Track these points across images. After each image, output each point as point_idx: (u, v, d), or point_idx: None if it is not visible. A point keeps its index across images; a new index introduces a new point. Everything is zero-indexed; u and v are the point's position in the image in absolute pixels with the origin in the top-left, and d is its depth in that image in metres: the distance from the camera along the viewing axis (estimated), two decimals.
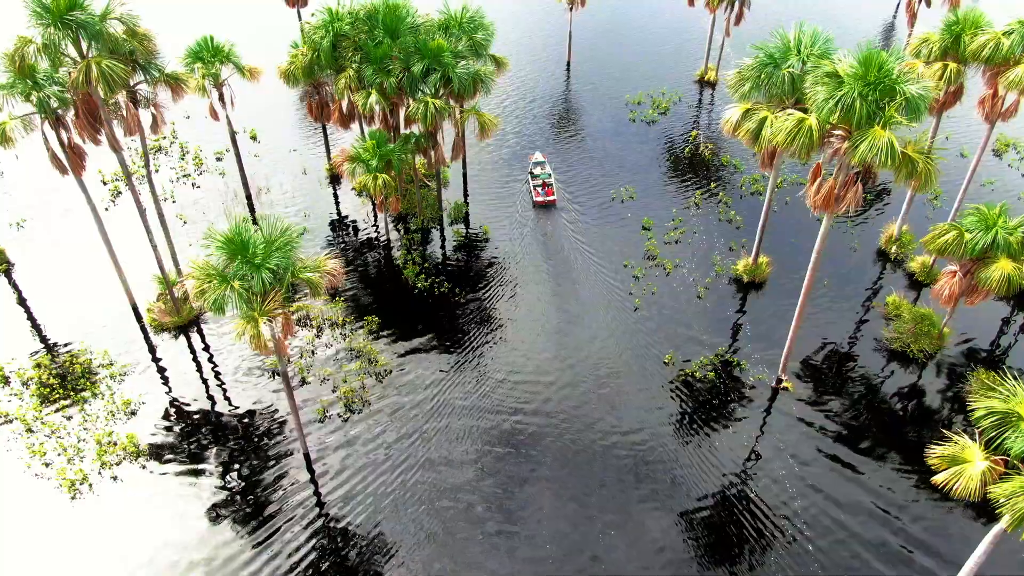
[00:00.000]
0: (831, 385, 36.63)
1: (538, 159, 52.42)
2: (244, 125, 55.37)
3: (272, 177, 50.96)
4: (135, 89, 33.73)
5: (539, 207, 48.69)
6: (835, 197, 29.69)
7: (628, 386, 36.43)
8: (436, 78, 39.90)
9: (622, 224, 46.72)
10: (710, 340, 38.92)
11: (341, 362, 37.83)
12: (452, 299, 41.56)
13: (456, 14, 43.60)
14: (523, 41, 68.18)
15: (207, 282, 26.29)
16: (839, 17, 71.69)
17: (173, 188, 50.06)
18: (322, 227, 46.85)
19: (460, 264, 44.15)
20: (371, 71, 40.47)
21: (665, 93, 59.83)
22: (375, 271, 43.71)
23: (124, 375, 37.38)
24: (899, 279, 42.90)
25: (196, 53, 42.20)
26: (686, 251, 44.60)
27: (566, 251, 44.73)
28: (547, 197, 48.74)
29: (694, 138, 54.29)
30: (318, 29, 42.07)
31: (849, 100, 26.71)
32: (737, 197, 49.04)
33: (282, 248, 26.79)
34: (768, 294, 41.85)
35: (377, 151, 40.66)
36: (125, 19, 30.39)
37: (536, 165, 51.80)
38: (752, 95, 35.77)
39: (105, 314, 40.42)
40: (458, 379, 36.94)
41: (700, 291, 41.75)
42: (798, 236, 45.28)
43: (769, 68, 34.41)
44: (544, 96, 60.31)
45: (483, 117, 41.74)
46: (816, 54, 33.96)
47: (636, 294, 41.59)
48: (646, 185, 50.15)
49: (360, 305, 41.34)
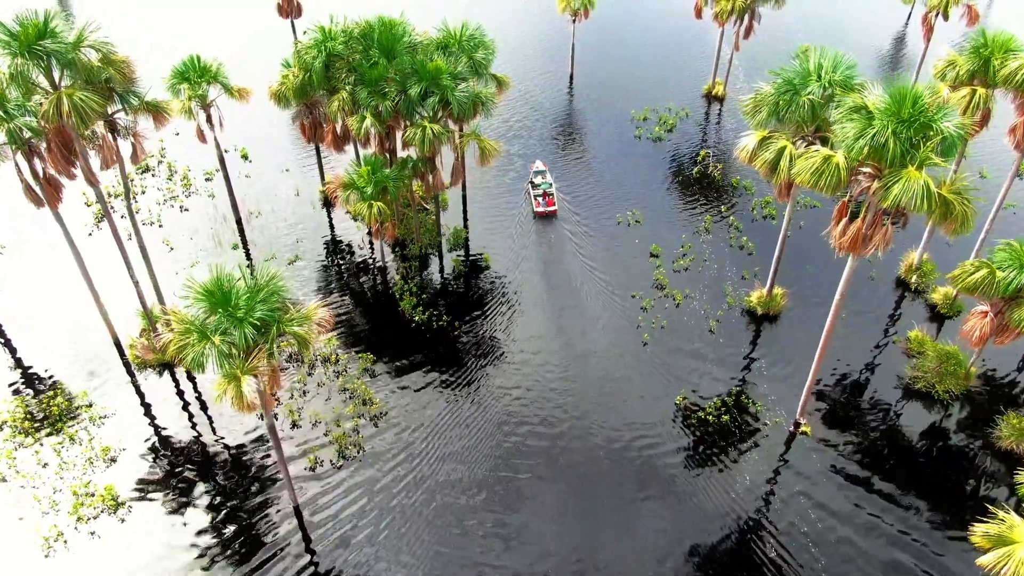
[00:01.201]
0: (852, 429, 34.59)
1: (539, 167, 50.95)
2: (235, 143, 53.29)
3: (263, 199, 48.87)
4: (113, 118, 31.62)
5: (540, 217, 47.28)
6: (863, 238, 27.67)
7: (641, 437, 34.25)
8: (434, 101, 37.83)
9: (629, 251, 44.64)
10: (724, 378, 36.88)
11: (334, 403, 35.76)
12: (451, 333, 39.50)
13: (455, 32, 41.56)
14: (525, 53, 66.08)
15: (185, 337, 24.24)
16: (850, 29, 69.67)
17: (160, 211, 47.95)
18: (315, 253, 44.76)
19: (459, 294, 42.08)
20: (366, 94, 38.38)
21: (672, 109, 57.76)
22: (370, 302, 41.62)
23: (104, 418, 35.28)
24: (920, 310, 40.87)
25: (182, 73, 40.08)
26: (696, 280, 42.55)
27: (571, 280, 42.63)
28: (548, 208, 47.37)
29: (703, 158, 52.22)
30: (310, 49, 39.97)
31: (882, 139, 24.66)
32: (748, 221, 46.98)
33: (267, 299, 24.71)
34: (783, 327, 39.81)
35: (372, 178, 38.62)
36: (99, 46, 28.29)
37: (537, 174, 50.36)
38: (769, 122, 33.79)
39: (86, 350, 38.33)
40: (457, 423, 34.87)
41: (712, 325, 39.69)
42: (813, 263, 43.29)
43: (788, 95, 32.39)
44: (546, 112, 58.22)
45: (484, 142, 39.65)
46: (838, 80, 31.97)
47: (645, 328, 39.53)
48: (653, 208, 48.09)
49: (354, 339, 39.26)
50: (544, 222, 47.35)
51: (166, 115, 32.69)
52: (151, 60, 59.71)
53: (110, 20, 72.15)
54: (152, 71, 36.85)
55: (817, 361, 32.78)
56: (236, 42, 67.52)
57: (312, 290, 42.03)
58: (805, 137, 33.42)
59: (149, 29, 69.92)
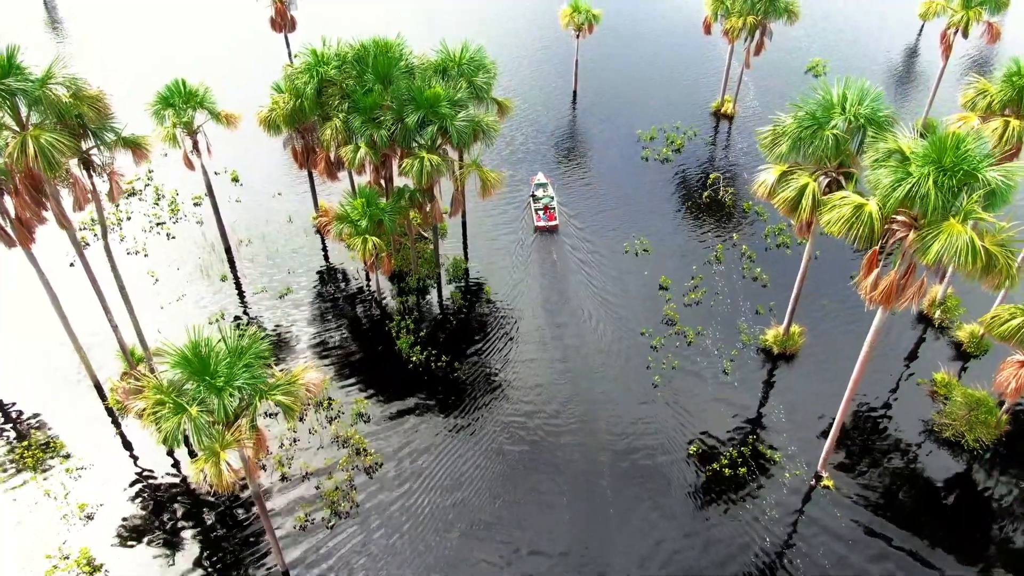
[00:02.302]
0: (876, 481, 32.50)
1: (540, 180, 49.44)
2: (225, 165, 51.09)
3: (254, 226, 46.69)
4: (88, 154, 29.48)
5: (541, 232, 46.01)
6: (896, 290, 25.59)
7: (652, 493, 32.14)
8: (433, 130, 35.67)
9: (637, 283, 42.48)
10: (739, 425, 34.79)
11: (326, 453, 33.64)
12: (450, 375, 37.37)
13: (454, 54, 39.41)
14: (526, 69, 63.85)
15: (159, 409, 22.10)
16: (861, 43, 67.50)
17: (145, 239, 45.78)
18: (308, 285, 42.62)
19: (459, 331, 39.92)
20: (360, 122, 36.22)
21: (679, 128, 55.59)
22: (366, 340, 39.44)
23: (81, 469, 33.16)
24: (944, 348, 38.78)
25: (166, 99, 38.01)
26: (709, 315, 40.43)
27: (577, 317, 40.44)
28: (548, 222, 46.03)
29: (712, 182, 50.07)
30: (301, 74, 37.80)
31: (922, 190, 22.56)
32: (762, 250, 44.86)
33: (250, 365, 22.57)
34: (801, 368, 37.70)
35: (367, 211, 36.48)
36: (69, 83, 26.17)
37: (538, 187, 48.88)
38: (789, 156, 31.70)
39: (64, 394, 36.21)
40: (457, 475, 32.74)
41: (726, 365, 37.58)
42: (830, 297, 41.20)
43: (811, 129, 30.28)
44: (549, 131, 55.94)
45: (485, 173, 37.50)
46: (865, 114, 29.86)
47: (655, 369, 37.42)
48: (662, 236, 45.94)
49: (348, 381, 37.11)
50: (545, 238, 45.53)
51: (146, 151, 30.56)
52: (143, 66, 57.98)
53: (99, 29, 70.96)
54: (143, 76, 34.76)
55: (841, 414, 30.71)
56: (228, 57, 65.43)
57: (302, 329, 39.89)
58: (828, 173, 31.36)
59: (138, 41, 67.76)
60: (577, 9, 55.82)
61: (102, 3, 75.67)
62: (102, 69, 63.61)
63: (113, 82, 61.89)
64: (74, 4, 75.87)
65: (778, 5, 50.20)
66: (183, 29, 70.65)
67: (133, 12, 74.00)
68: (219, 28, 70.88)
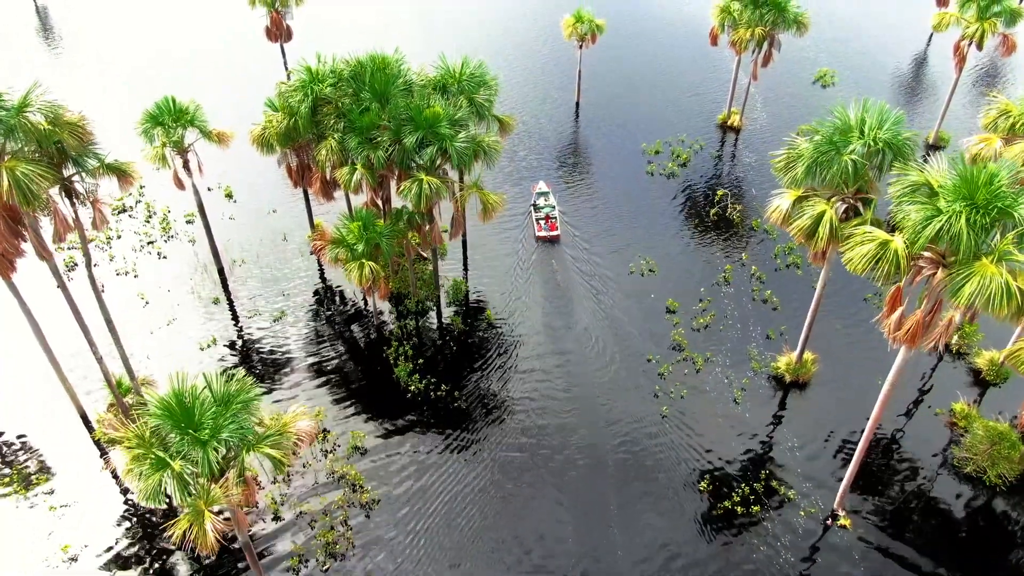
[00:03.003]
0: (895, 521, 31.12)
1: (542, 189, 48.64)
2: (218, 180, 49.74)
3: (248, 245, 45.28)
4: (70, 181, 28.06)
5: (542, 242, 45.27)
6: (922, 329, 24.24)
7: (661, 532, 30.77)
8: (432, 151, 34.24)
9: (644, 307, 41.05)
10: (751, 459, 33.41)
11: (321, 489, 32.24)
12: (450, 404, 35.97)
13: (454, 70, 38.02)
14: (528, 79, 62.44)
15: (140, 462, 20.71)
16: (869, 52, 66.08)
17: (136, 259, 44.35)
18: (303, 307, 41.22)
19: (459, 357, 38.50)
20: (356, 142, 34.80)
21: (684, 141, 54.20)
22: (363, 368, 38.02)
23: (66, 506, 31.76)
24: (961, 375, 37.40)
25: (155, 117, 36.61)
26: (718, 341, 39.03)
27: (582, 343, 39.05)
28: (550, 232, 45.28)
29: (720, 198, 48.65)
30: (295, 92, 36.40)
31: (955, 229, 21.16)
32: (771, 270, 43.46)
33: (237, 415, 21.16)
34: (815, 398, 36.31)
35: (363, 234, 35.08)
36: (47, 110, 24.76)
37: (540, 196, 48.04)
38: (805, 181, 30.31)
39: (49, 426, 34.80)
40: (459, 512, 31.36)
41: (737, 395, 36.20)
42: (844, 321, 39.84)
43: (829, 154, 28.87)
44: (551, 145, 54.54)
45: (486, 196, 36.09)
46: (885, 138, 28.46)
47: (663, 398, 36.05)
48: (668, 255, 44.55)
49: (343, 412, 35.71)
50: (547, 251, 44.46)
51: (131, 177, 29.15)
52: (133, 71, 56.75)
53: (92, 33, 69.58)
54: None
55: (859, 454, 29.33)
56: (225, 51, 64.05)
57: (296, 355, 38.50)
58: (845, 199, 29.97)
59: (136, 41, 66.37)
60: (580, 19, 54.46)
61: (94, 7, 74.26)
62: (99, 74, 62.35)
63: (112, 81, 61.11)
64: (66, 9, 74.45)
65: (787, 16, 48.83)
66: (179, 28, 69.25)
67: (126, 15, 72.56)
68: (216, 25, 69.48)
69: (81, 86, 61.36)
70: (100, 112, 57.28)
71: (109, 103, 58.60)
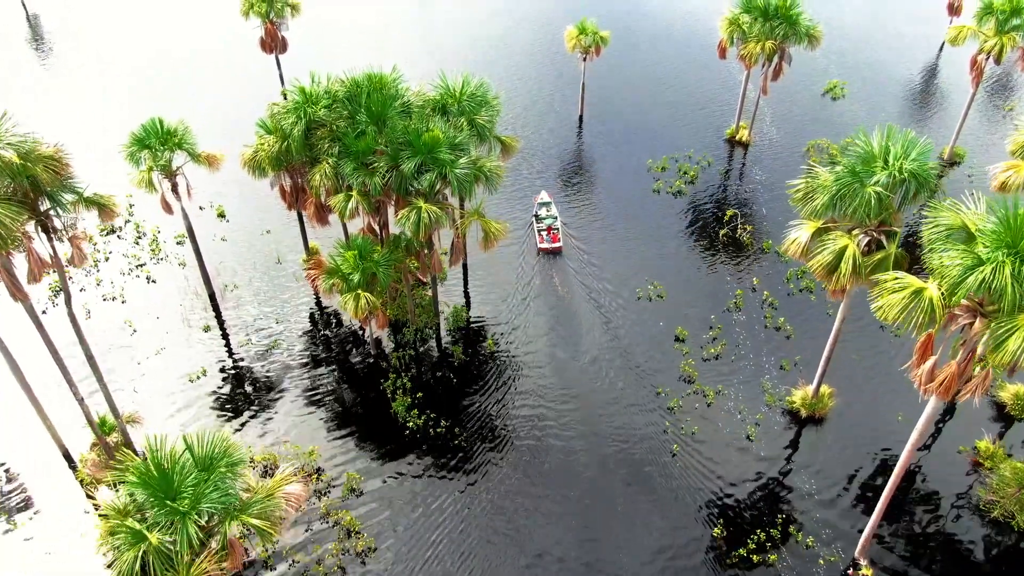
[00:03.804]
0: (919, 571, 29.51)
1: (544, 199, 47.57)
2: (210, 199, 48.12)
3: (241, 268, 43.65)
4: (46, 216, 26.42)
5: (544, 254, 44.62)
6: (957, 380, 22.62)
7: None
8: (431, 177, 32.59)
9: (652, 335, 39.41)
10: (767, 501, 31.80)
11: (315, 535, 30.60)
12: (451, 442, 34.33)
13: (455, 89, 36.38)
14: (530, 93, 60.75)
15: (116, 536, 19.10)
16: (881, 63, 64.34)
17: (124, 283, 42.70)
18: (296, 335, 39.59)
19: (460, 390, 36.85)
20: (351, 168, 33.16)
21: (692, 157, 52.54)
22: (358, 402, 36.36)
23: (48, 554, 30.16)
24: (985, 409, 35.77)
25: (141, 140, 34.98)
26: (730, 372, 37.41)
27: (589, 375, 37.42)
28: (552, 244, 44.35)
29: (729, 219, 46.97)
30: (287, 114, 34.73)
31: (999, 282, 19.51)
32: (784, 295, 41.83)
33: (219, 482, 19.55)
34: (832, 435, 34.64)
35: (359, 264, 33.43)
36: (18, 145, 23.14)
37: (541, 206, 47.00)
38: (825, 213, 28.71)
39: (31, 466, 33.21)
40: (459, 563, 29.73)
41: (750, 431, 34.58)
42: (861, 351, 38.22)
43: (852, 186, 27.25)
44: (554, 161, 52.81)
45: (487, 224, 34.43)
46: (911, 169, 26.86)
47: (673, 435, 34.43)
48: (677, 279, 42.90)
49: (338, 450, 34.08)
50: (549, 264, 43.41)
51: (112, 211, 27.54)
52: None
53: (85, 38, 67.96)
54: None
55: (884, 503, 27.71)
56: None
57: (289, 388, 36.87)
58: (868, 231, 28.36)
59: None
60: (584, 31, 52.80)
61: (86, 13, 72.58)
62: (88, 83, 60.72)
63: (101, 91, 59.56)
64: (58, 17, 72.79)
65: (798, 29, 47.16)
66: (173, 32, 67.62)
67: (119, 21, 70.88)
68: (213, 27, 67.83)
69: (74, 95, 59.84)
70: (97, 119, 57.32)
71: (106, 107, 57.09)
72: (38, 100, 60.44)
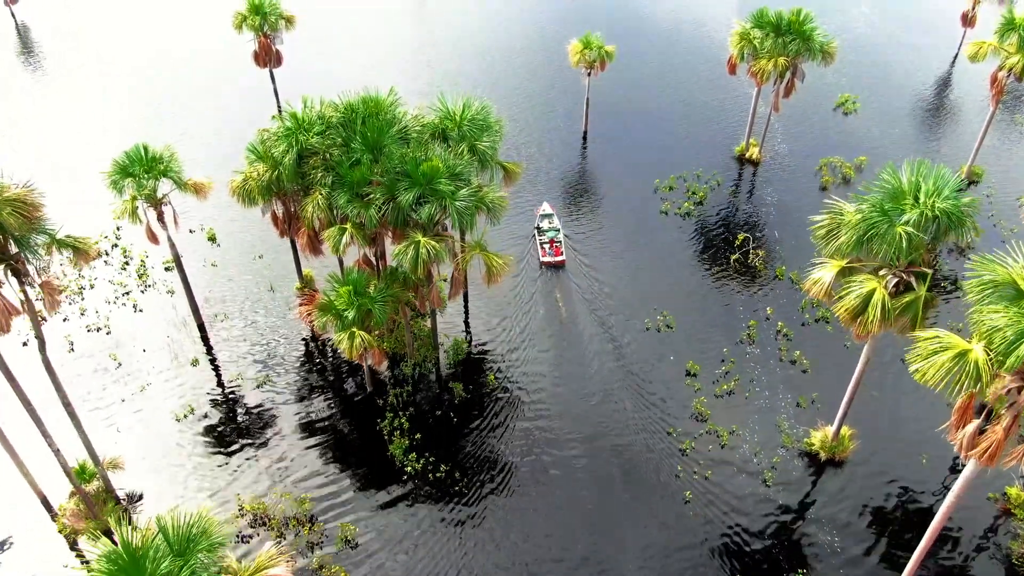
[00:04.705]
0: None
1: (546, 211, 46.30)
2: (201, 222, 46.30)
3: (231, 297, 41.81)
4: (16, 260, 24.61)
5: (546, 268, 43.56)
6: (1001, 447, 20.85)
7: None
8: (430, 210, 30.78)
9: (662, 370, 37.59)
10: (787, 554, 29.99)
11: None
12: (451, 488, 32.53)
13: (455, 113, 34.58)
14: (533, 109, 58.89)
15: None
16: (894, 76, 62.45)
17: (109, 312, 40.86)
18: (289, 368, 37.78)
19: (461, 430, 35.02)
20: (345, 199, 31.35)
21: (701, 176, 50.68)
22: (354, 444, 34.52)
23: None
24: None
25: (125, 168, 33.24)
26: (744, 410, 35.62)
27: (595, 414, 35.64)
28: (555, 257, 43.65)
29: (741, 243, 45.14)
30: (279, 142, 32.93)
31: None
32: (798, 325, 40.01)
33: (196, 570, 17.73)
34: (853, 481, 32.74)
35: (354, 300, 31.61)
36: None
37: (543, 218, 45.79)
38: (850, 252, 26.94)
39: (10, 515, 31.39)
40: None
41: (767, 476, 32.78)
42: (881, 388, 36.41)
43: (881, 225, 25.46)
44: (557, 180, 50.93)
45: (490, 258, 32.61)
46: (944, 208, 25.09)
47: (685, 480, 32.62)
48: (687, 308, 41.05)
49: (332, 497, 32.24)
50: (552, 280, 42.32)
51: (87, 253, 25.73)
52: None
53: (78, 45, 66.24)
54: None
55: (913, 567, 25.93)
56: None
57: (280, 429, 35.06)
58: (896, 272, 26.60)
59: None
60: (589, 45, 50.93)
61: (75, 21, 70.72)
62: (78, 90, 58.98)
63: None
64: (46, 24, 70.93)
65: (812, 45, 45.35)
66: (167, 38, 65.87)
67: (110, 28, 69.07)
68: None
69: (74, 95, 58.13)
70: (96, 120, 55.82)
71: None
72: (36, 103, 59.30)
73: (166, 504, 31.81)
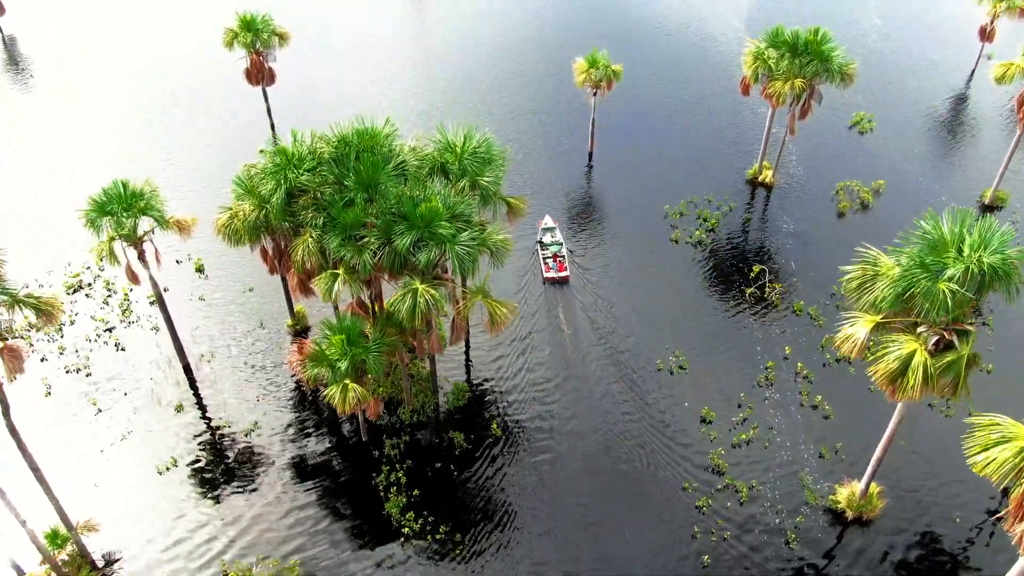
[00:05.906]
0: None
1: (548, 224, 44.70)
2: (188, 252, 44.05)
3: (219, 335, 39.57)
4: None
5: (550, 284, 42.38)
6: None
7: None
8: (429, 255, 28.56)
9: (676, 417, 35.36)
10: None
11: None
12: (452, 551, 30.29)
13: (455, 145, 32.38)
14: (536, 130, 56.63)
15: None
16: (910, 94, 60.13)
17: (90, 351, 38.64)
18: (279, 412, 35.57)
19: (462, 485, 32.79)
20: (337, 243, 29.14)
21: (712, 201, 48.45)
22: (347, 499, 32.27)
23: None
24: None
25: (103, 206, 31.06)
26: (763, 462, 33.39)
27: (605, 469, 33.39)
28: (559, 272, 42.47)
29: (756, 275, 42.91)
30: (266, 180, 30.71)
31: None
32: (819, 366, 37.82)
33: None
34: (884, 543, 30.52)
35: (348, 350, 29.36)
36: None
37: (545, 232, 44.22)
38: (886, 308, 24.76)
39: None
40: None
41: (790, 537, 30.57)
42: (910, 439, 34.16)
43: (922, 281, 23.30)
44: (560, 208, 48.49)
45: (493, 306, 30.39)
46: (991, 262, 22.92)
47: (703, 542, 30.38)
48: (700, 347, 38.82)
49: (324, 561, 30.00)
50: (556, 299, 41.14)
51: (52, 313, 23.53)
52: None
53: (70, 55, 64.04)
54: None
55: None
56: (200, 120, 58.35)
57: (268, 481, 32.84)
58: (936, 331, 24.41)
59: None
60: (595, 63, 48.69)
61: (64, 33, 68.46)
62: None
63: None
64: (33, 38, 68.65)
65: (831, 67, 43.13)
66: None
67: (102, 37, 66.84)
68: (189, 96, 63.80)
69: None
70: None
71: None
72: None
73: (144, 567, 29.69)
